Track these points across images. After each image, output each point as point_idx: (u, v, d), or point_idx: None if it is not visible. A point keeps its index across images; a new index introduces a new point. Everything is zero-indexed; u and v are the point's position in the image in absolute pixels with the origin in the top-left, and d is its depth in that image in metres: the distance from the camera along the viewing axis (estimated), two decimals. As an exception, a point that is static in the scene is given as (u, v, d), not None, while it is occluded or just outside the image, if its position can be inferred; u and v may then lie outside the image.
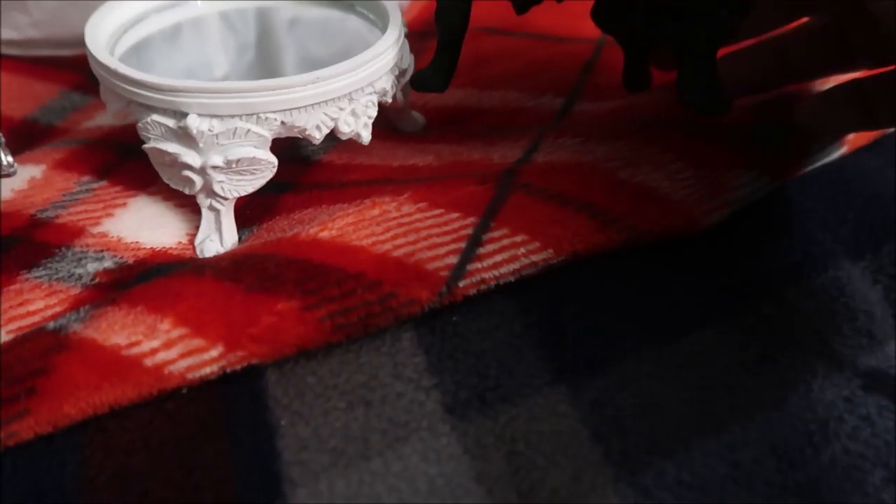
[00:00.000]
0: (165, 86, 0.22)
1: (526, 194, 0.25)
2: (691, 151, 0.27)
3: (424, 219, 0.23)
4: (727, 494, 0.19)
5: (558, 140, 0.28)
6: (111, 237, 0.25)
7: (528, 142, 0.28)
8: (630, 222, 0.25)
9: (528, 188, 0.25)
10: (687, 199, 0.26)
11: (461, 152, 0.28)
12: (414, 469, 0.19)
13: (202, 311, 0.20)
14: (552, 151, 0.27)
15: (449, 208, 0.24)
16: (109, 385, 0.19)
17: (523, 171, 0.25)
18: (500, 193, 0.25)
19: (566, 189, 0.25)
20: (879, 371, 0.21)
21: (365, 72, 0.24)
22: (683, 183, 0.27)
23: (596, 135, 0.28)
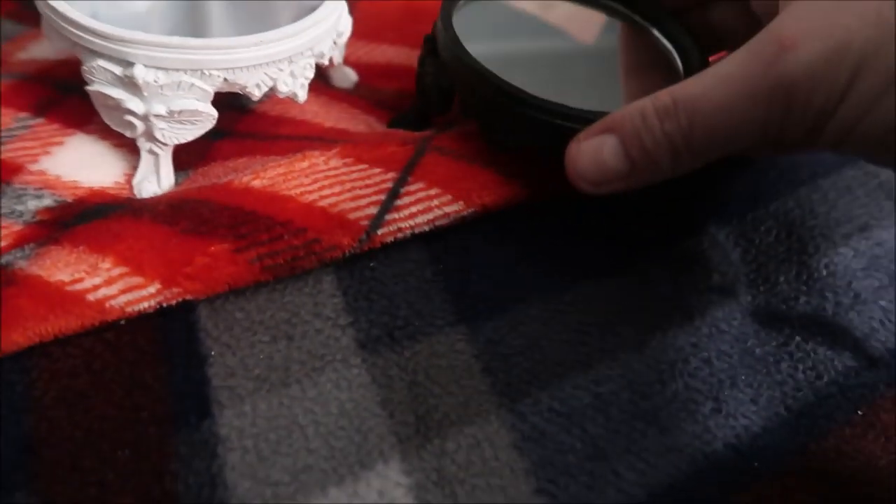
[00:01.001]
0: (115, 35, 0.24)
1: (440, 154, 0.27)
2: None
3: (349, 172, 0.26)
4: (588, 420, 0.23)
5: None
6: (50, 175, 0.26)
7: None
8: (531, 179, 0.28)
9: (441, 150, 0.27)
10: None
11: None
12: (327, 395, 0.22)
13: (141, 252, 0.22)
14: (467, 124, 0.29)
15: (373, 164, 0.26)
16: (54, 317, 0.21)
17: (440, 137, 0.28)
18: (418, 153, 0.27)
19: (475, 151, 0.28)
20: (724, 322, 0.26)
21: (306, 36, 0.26)
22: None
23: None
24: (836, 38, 0.19)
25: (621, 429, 0.22)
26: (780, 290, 0.27)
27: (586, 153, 0.23)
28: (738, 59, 0.21)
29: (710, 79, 0.21)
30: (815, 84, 0.19)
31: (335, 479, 0.20)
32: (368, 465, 0.21)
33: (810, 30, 0.19)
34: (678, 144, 0.22)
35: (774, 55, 0.20)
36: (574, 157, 0.23)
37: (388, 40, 0.36)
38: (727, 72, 0.21)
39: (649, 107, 0.22)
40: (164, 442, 0.20)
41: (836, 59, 0.19)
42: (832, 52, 0.19)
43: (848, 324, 0.26)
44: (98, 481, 0.20)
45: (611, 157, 0.23)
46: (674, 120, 0.21)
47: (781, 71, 0.20)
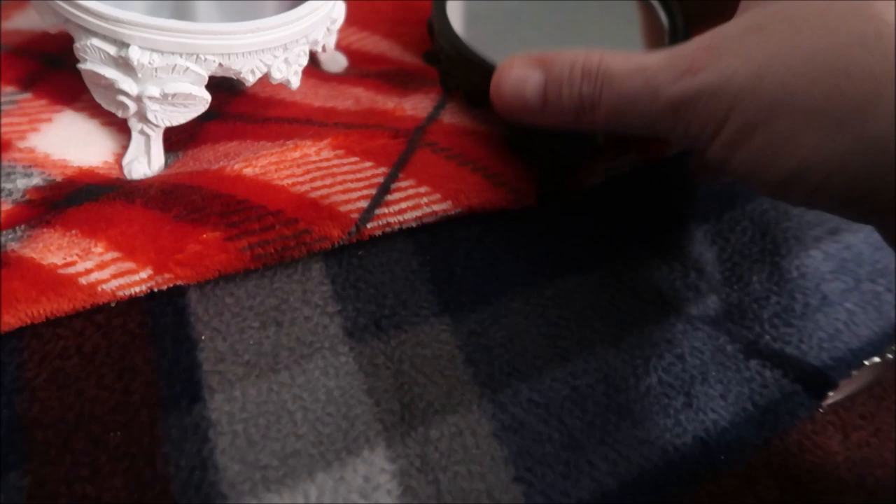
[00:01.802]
0: (111, 16, 0.23)
1: (432, 151, 0.28)
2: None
3: (341, 164, 0.26)
4: (565, 412, 0.24)
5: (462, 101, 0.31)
6: (38, 153, 0.26)
7: (437, 95, 0.30)
8: (517, 185, 0.28)
9: (433, 146, 0.28)
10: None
11: (377, 100, 0.30)
12: (315, 382, 0.23)
13: (133, 237, 0.23)
14: (456, 113, 0.29)
15: (364, 157, 0.26)
16: (46, 299, 0.21)
17: (431, 129, 0.28)
18: (410, 148, 0.27)
19: (466, 151, 0.28)
20: (699, 319, 0.27)
21: (302, 24, 0.26)
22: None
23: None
24: (724, 76, 0.21)
25: (596, 421, 0.23)
26: (752, 289, 0.28)
27: (512, 78, 0.25)
28: (660, 58, 0.22)
29: (633, 65, 0.23)
30: (699, 110, 0.21)
31: (322, 464, 0.21)
32: (355, 451, 0.21)
33: (712, 60, 0.21)
34: (585, 106, 0.23)
35: (682, 72, 0.21)
36: (500, 78, 0.25)
37: (381, 32, 0.36)
38: (647, 65, 0.22)
39: (579, 62, 0.23)
40: (155, 425, 0.21)
41: (719, 94, 0.21)
42: (717, 87, 0.21)
43: (815, 324, 0.27)
44: (90, 462, 0.20)
45: (530, 91, 0.24)
46: (591, 84, 0.23)
47: (680, 89, 0.21)
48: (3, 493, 0.19)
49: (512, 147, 0.29)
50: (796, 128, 0.20)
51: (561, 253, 0.28)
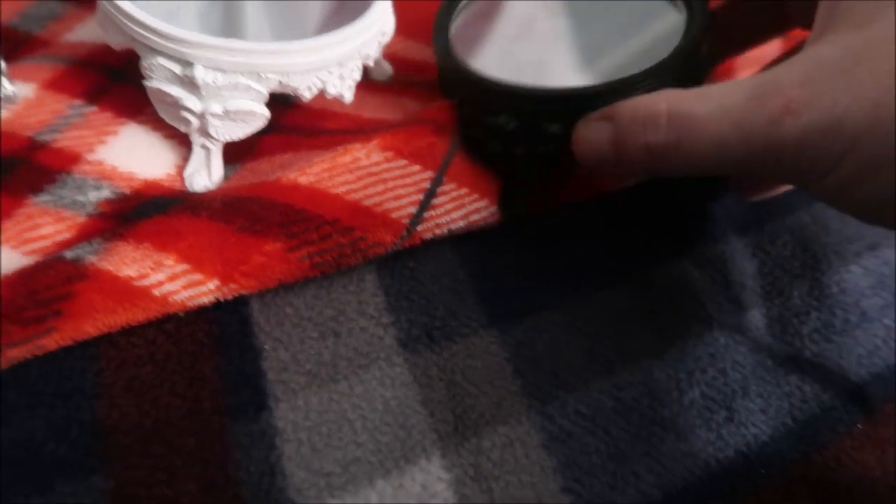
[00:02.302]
0: (176, 36, 0.25)
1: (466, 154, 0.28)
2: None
3: (391, 169, 0.27)
4: (610, 423, 0.24)
5: None
6: (106, 166, 0.27)
7: None
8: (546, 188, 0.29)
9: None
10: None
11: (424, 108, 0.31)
12: (373, 392, 0.24)
13: (201, 249, 0.24)
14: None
15: (412, 159, 0.27)
16: (122, 309, 0.23)
17: None
18: (451, 150, 0.28)
19: None
20: (740, 333, 0.27)
21: (357, 41, 0.27)
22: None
23: None
24: (833, 115, 0.20)
25: (641, 433, 0.24)
26: (793, 304, 0.29)
27: (585, 135, 0.25)
28: (744, 96, 0.21)
29: (714, 106, 0.22)
30: (807, 152, 0.21)
31: (382, 471, 0.22)
32: (412, 459, 0.23)
33: (813, 98, 0.20)
34: (657, 155, 0.23)
35: (779, 113, 0.20)
36: (577, 138, 0.25)
37: (424, 40, 0.37)
38: (731, 104, 0.21)
39: (641, 110, 0.23)
40: (225, 431, 0.22)
41: (830, 135, 0.20)
42: (826, 128, 0.20)
43: (854, 340, 0.28)
44: (166, 467, 0.21)
45: (603, 143, 0.24)
46: (661, 132, 0.22)
47: (780, 131, 0.21)
48: (89, 494, 0.21)
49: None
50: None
51: (603, 265, 0.29)
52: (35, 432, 0.22)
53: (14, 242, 0.24)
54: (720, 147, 0.22)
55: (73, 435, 0.22)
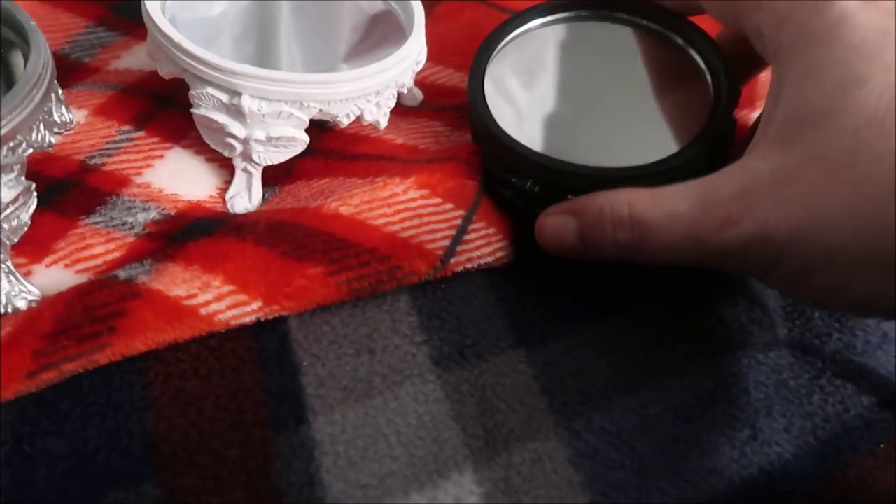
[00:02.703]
0: (226, 67, 0.26)
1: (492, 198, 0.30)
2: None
3: (426, 205, 0.28)
4: (635, 440, 0.25)
5: None
6: (153, 188, 0.29)
7: None
8: None
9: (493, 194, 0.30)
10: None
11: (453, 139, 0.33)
12: (407, 407, 0.25)
13: (246, 272, 0.25)
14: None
15: (445, 198, 0.28)
16: (172, 327, 0.24)
17: None
18: (480, 191, 0.29)
19: None
20: (762, 354, 0.28)
21: (395, 71, 0.28)
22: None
23: None
24: (766, 228, 0.22)
25: (666, 450, 0.25)
26: (814, 325, 0.29)
27: (550, 227, 0.27)
28: (692, 205, 0.24)
29: (666, 213, 0.24)
30: (749, 256, 0.23)
31: (416, 485, 0.23)
32: (445, 473, 0.23)
33: (748, 212, 0.23)
34: (625, 250, 0.25)
35: (721, 223, 0.23)
36: (540, 228, 0.27)
37: (453, 65, 0.38)
38: (681, 213, 0.24)
39: (607, 210, 0.25)
40: (267, 443, 0.23)
41: (765, 244, 0.23)
42: (761, 238, 0.22)
43: (875, 361, 0.28)
44: (213, 476, 0.22)
45: (569, 236, 0.26)
46: (626, 231, 0.25)
47: (723, 239, 0.23)
48: (140, 502, 0.22)
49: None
50: (851, 275, 0.21)
51: (627, 286, 0.29)
52: (88, 442, 0.23)
53: (67, 262, 0.26)
54: (675, 250, 0.24)
55: (124, 445, 0.23)
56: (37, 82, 0.24)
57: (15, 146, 0.23)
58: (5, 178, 0.23)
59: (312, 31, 0.37)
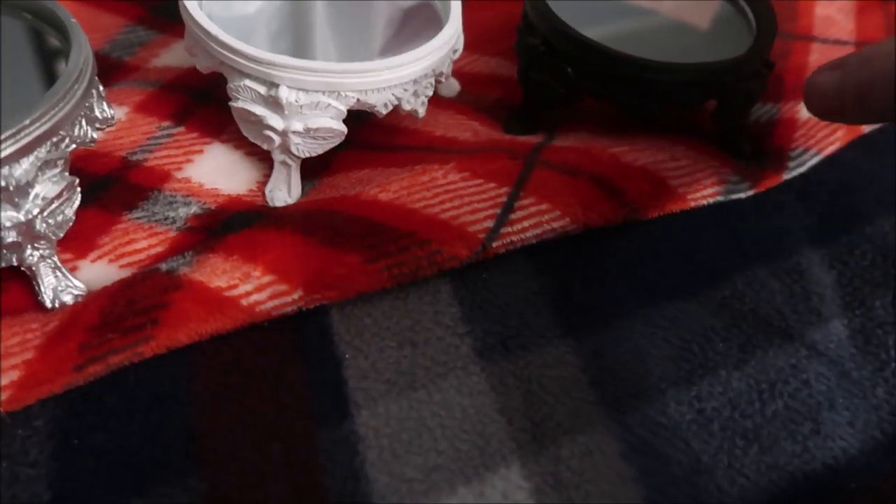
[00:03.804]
0: (263, 59, 0.26)
1: (547, 169, 0.29)
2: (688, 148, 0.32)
3: (467, 187, 0.28)
4: (691, 435, 0.24)
5: (570, 133, 0.32)
6: (193, 183, 0.29)
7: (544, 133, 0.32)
8: (631, 197, 0.29)
9: (548, 164, 0.29)
10: (680, 184, 0.30)
11: (493, 135, 0.32)
12: (451, 400, 0.24)
13: (286, 261, 0.25)
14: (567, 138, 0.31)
15: (487, 178, 0.28)
16: (213, 318, 0.24)
17: (545, 150, 0.30)
18: (527, 167, 0.29)
19: (580, 163, 0.29)
20: (822, 345, 0.27)
21: (432, 59, 0.28)
22: (679, 170, 0.31)
23: (601, 130, 0.32)
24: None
25: (724, 445, 0.24)
26: (875, 314, 0.28)
27: (818, 82, 0.25)
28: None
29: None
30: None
31: (462, 479, 0.22)
32: (492, 467, 0.23)
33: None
34: (862, 93, 0.23)
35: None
36: (808, 84, 0.25)
37: (489, 52, 0.37)
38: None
39: (865, 51, 0.23)
40: (310, 437, 0.23)
41: None
42: None
43: (944, 351, 0.27)
44: (255, 471, 0.22)
45: (830, 91, 0.24)
46: (867, 69, 0.23)
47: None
48: (185, 496, 0.21)
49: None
50: None
51: (679, 273, 0.28)
52: (133, 436, 0.23)
53: (111, 257, 0.26)
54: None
55: (168, 439, 0.23)
56: (78, 77, 0.24)
57: (58, 141, 0.23)
58: (49, 173, 0.23)
59: (347, 27, 0.36)
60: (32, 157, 0.23)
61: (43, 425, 0.23)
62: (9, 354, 0.23)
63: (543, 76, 0.32)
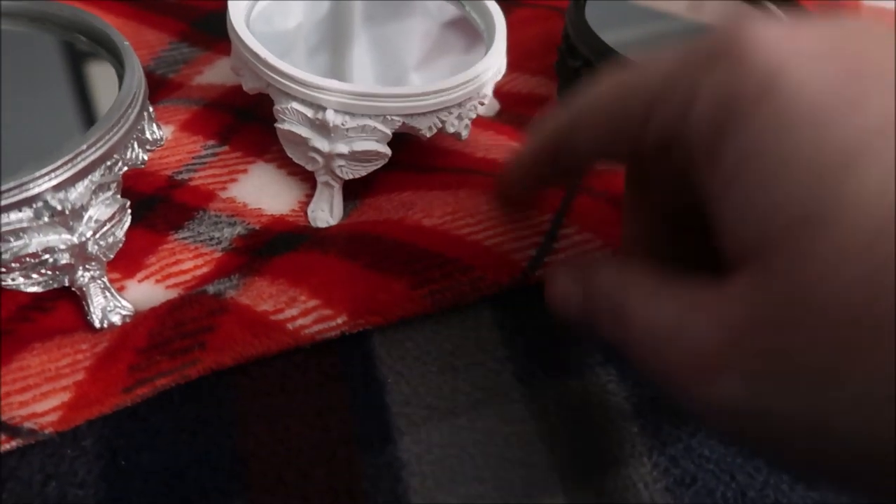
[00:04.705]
0: (312, 83, 0.26)
1: (590, 196, 0.29)
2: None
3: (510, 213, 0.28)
4: (735, 467, 0.24)
5: None
6: (238, 202, 0.29)
7: None
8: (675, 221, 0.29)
9: (591, 191, 0.29)
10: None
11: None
12: (493, 427, 0.24)
13: (332, 286, 0.25)
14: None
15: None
16: (259, 342, 0.24)
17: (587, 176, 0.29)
18: (569, 194, 0.29)
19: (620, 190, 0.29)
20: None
21: (478, 82, 0.28)
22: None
23: None
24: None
25: (770, 480, 0.24)
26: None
27: (556, 290, 0.21)
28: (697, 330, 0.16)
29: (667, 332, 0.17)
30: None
31: (506, 509, 0.22)
32: (535, 497, 0.23)
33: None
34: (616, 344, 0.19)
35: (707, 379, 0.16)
36: (548, 287, 0.22)
37: (528, 70, 0.37)
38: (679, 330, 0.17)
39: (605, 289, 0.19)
40: (353, 461, 0.23)
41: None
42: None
43: None
44: (301, 495, 0.22)
45: (573, 309, 0.21)
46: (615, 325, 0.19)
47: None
48: (231, 519, 0.22)
49: None
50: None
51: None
52: (180, 457, 0.23)
53: (158, 277, 0.26)
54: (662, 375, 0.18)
55: (214, 460, 0.23)
56: (132, 101, 0.24)
57: (112, 164, 0.24)
58: (103, 196, 0.24)
59: (384, 41, 0.36)
60: (87, 181, 0.23)
61: (91, 445, 0.23)
62: (60, 375, 0.23)
63: None
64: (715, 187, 0.17)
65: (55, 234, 0.23)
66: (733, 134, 0.16)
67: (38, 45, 0.28)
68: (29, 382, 0.23)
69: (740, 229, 0.16)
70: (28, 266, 0.23)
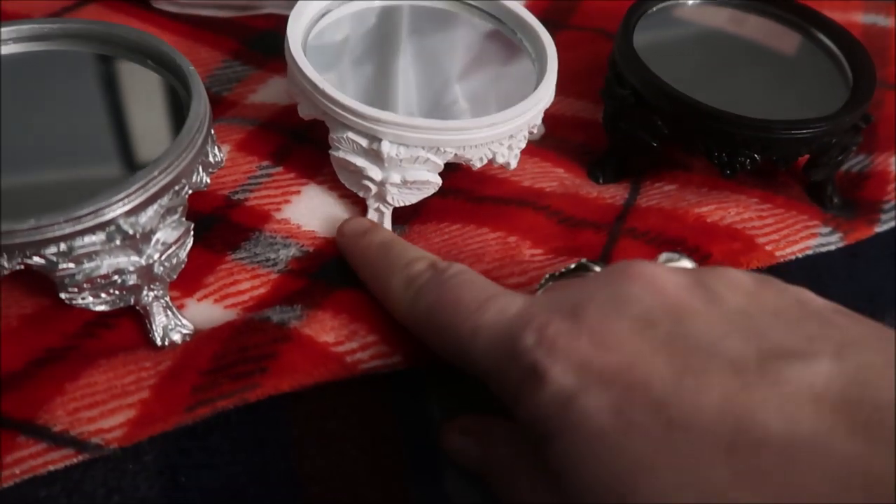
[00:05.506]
0: (368, 114, 0.27)
1: (632, 238, 0.29)
2: (775, 201, 0.32)
3: (552, 262, 0.28)
4: None
5: (655, 185, 0.33)
6: (292, 224, 0.30)
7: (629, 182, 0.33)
8: (717, 259, 0.29)
9: (633, 233, 0.29)
10: (769, 240, 0.30)
11: (579, 185, 0.33)
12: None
13: (392, 325, 0.25)
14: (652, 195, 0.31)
15: (570, 256, 0.29)
16: (317, 371, 0.25)
17: (630, 216, 0.30)
18: (611, 239, 0.29)
19: (664, 230, 0.29)
20: None
21: (529, 114, 0.28)
22: (766, 227, 0.31)
23: (688, 182, 0.32)
24: None
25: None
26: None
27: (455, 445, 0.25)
28: None
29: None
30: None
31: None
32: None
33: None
34: None
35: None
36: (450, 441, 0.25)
37: (573, 94, 0.38)
38: None
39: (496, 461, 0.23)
40: (406, 494, 0.24)
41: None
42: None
43: None
44: (356, 521, 0.23)
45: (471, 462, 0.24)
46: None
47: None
48: (288, 541, 0.22)
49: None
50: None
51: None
52: (238, 477, 0.24)
53: (216, 297, 0.27)
54: None
55: (272, 482, 0.24)
56: (199, 127, 0.25)
57: (179, 189, 0.24)
58: (170, 219, 0.25)
59: (428, 53, 0.37)
60: (157, 206, 0.24)
61: (152, 461, 0.24)
62: (126, 393, 0.24)
63: (632, 127, 0.32)
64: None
65: (125, 256, 0.24)
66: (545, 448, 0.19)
67: (103, 67, 0.28)
68: (96, 399, 0.23)
69: None
70: (98, 286, 0.24)
